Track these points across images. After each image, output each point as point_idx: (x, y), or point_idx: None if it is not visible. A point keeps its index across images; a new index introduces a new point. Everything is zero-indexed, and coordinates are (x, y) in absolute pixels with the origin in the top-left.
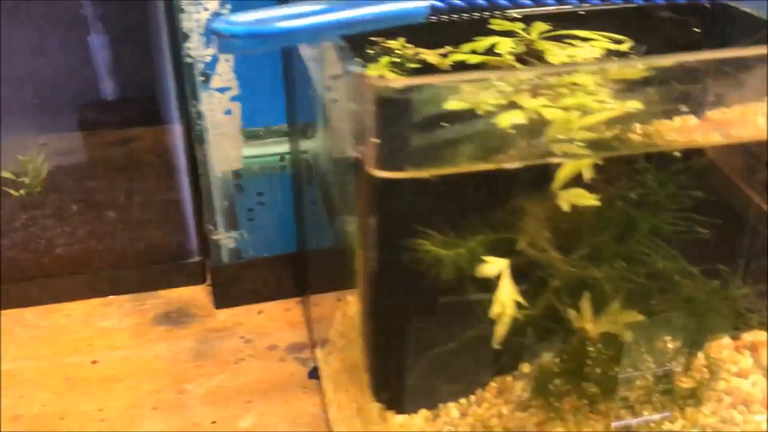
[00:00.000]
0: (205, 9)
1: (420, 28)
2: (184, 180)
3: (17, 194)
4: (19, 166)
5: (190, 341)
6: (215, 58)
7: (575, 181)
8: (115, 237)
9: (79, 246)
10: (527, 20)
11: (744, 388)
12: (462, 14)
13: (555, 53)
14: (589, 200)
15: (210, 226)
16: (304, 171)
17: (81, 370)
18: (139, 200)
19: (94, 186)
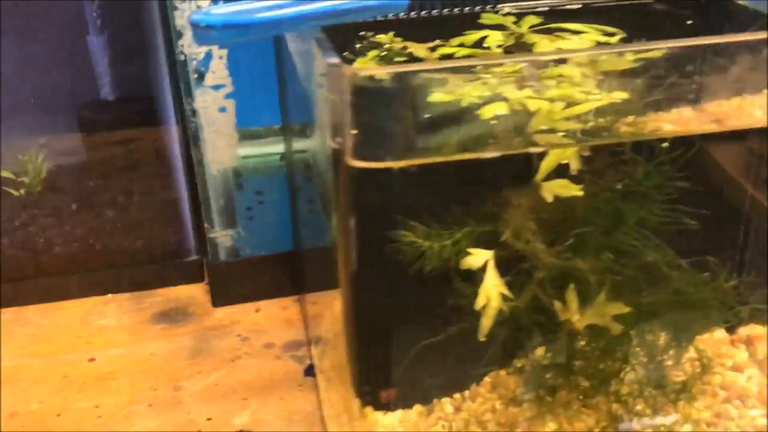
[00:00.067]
0: (198, 6)
1: (411, 23)
2: (182, 179)
3: (17, 194)
4: (19, 166)
5: (187, 339)
6: (209, 56)
7: (564, 173)
8: (114, 236)
9: (78, 245)
10: (522, 15)
11: (739, 383)
12: (443, 8)
13: (544, 45)
14: (573, 191)
15: (207, 224)
16: (303, 170)
17: (78, 368)
18: (138, 199)
19: (93, 185)
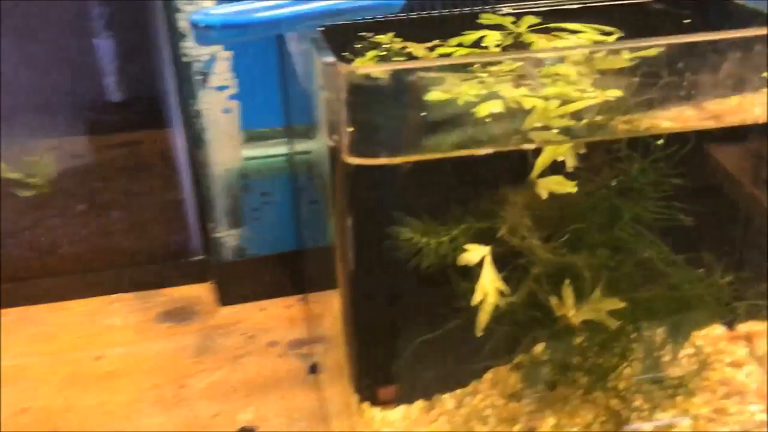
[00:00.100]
0: (201, 8)
1: (411, 23)
2: (187, 180)
3: (26, 195)
4: (27, 168)
5: (193, 338)
6: (213, 57)
7: (559, 170)
8: (120, 236)
9: (85, 245)
10: (521, 15)
11: (738, 379)
12: (444, 8)
13: (541, 45)
14: (567, 187)
15: (211, 225)
16: (306, 171)
17: (85, 366)
18: (144, 200)
19: (100, 187)
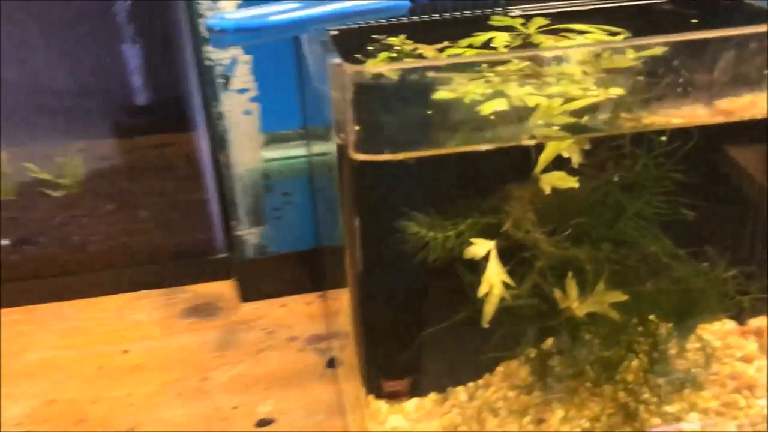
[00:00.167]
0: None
1: (423, 26)
2: (211, 180)
3: (56, 195)
4: (58, 169)
5: (215, 333)
6: (234, 61)
7: (563, 166)
8: (147, 235)
9: (113, 243)
10: (531, 17)
11: (749, 373)
12: (455, 11)
13: (549, 45)
14: (570, 183)
15: (234, 223)
16: (323, 171)
17: (112, 359)
18: (169, 200)
19: (128, 187)
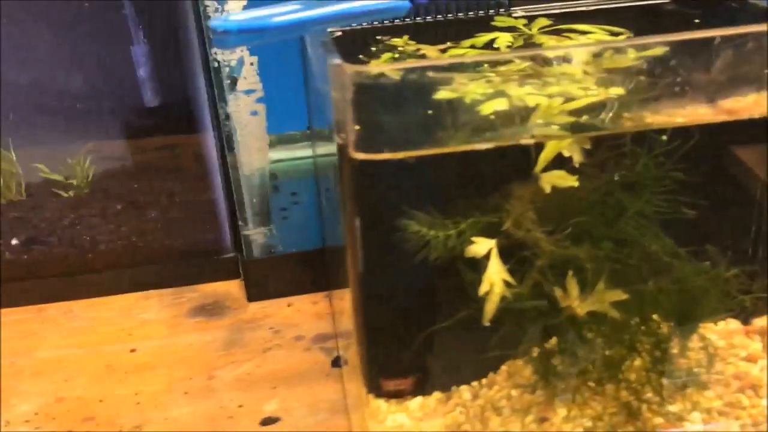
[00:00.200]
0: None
1: (426, 27)
2: (219, 181)
3: (66, 195)
4: (68, 170)
5: (222, 332)
6: (241, 62)
7: (563, 165)
8: (155, 235)
9: (122, 243)
10: (533, 18)
11: (753, 373)
12: (458, 12)
13: (550, 46)
14: (569, 182)
15: (241, 223)
16: (328, 172)
17: (120, 358)
18: (178, 201)
19: (137, 188)
